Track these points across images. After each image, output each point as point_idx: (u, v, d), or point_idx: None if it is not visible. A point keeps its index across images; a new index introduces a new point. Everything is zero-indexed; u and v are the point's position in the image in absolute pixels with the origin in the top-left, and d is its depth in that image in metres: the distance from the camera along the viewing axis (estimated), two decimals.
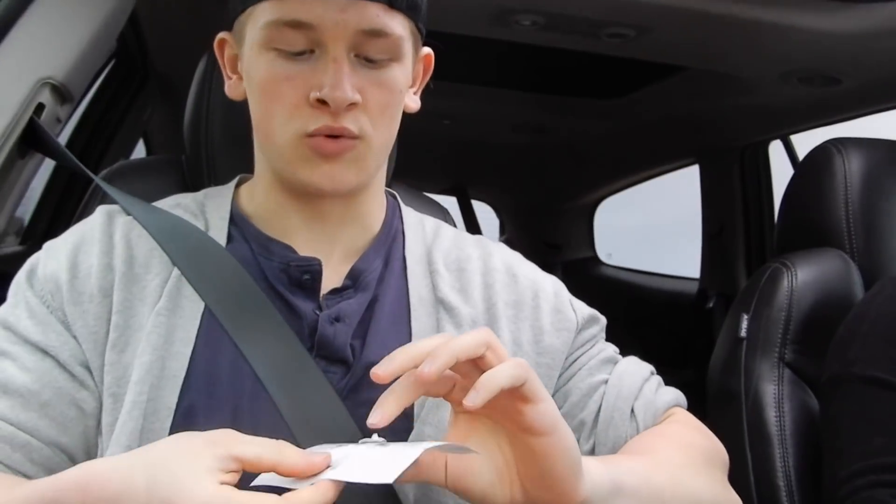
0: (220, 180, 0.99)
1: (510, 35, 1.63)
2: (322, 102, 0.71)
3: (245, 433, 0.70)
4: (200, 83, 1.08)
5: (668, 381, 0.89)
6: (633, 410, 0.82)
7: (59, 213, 1.93)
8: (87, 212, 0.93)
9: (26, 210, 1.93)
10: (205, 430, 0.68)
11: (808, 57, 1.63)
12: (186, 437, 0.58)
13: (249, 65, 0.76)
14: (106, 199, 1.04)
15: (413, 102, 0.83)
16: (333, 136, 0.73)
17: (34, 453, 0.70)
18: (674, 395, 0.87)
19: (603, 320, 0.90)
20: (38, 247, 0.80)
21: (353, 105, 0.72)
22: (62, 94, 1.04)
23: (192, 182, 1.09)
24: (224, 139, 1.06)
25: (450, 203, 3.54)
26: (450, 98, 2.35)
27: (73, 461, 0.72)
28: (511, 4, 1.47)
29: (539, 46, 1.70)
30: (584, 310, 0.88)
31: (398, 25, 0.74)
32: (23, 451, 0.70)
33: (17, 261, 0.78)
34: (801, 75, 1.76)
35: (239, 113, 1.06)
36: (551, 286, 0.88)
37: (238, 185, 0.87)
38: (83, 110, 1.93)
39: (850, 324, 0.99)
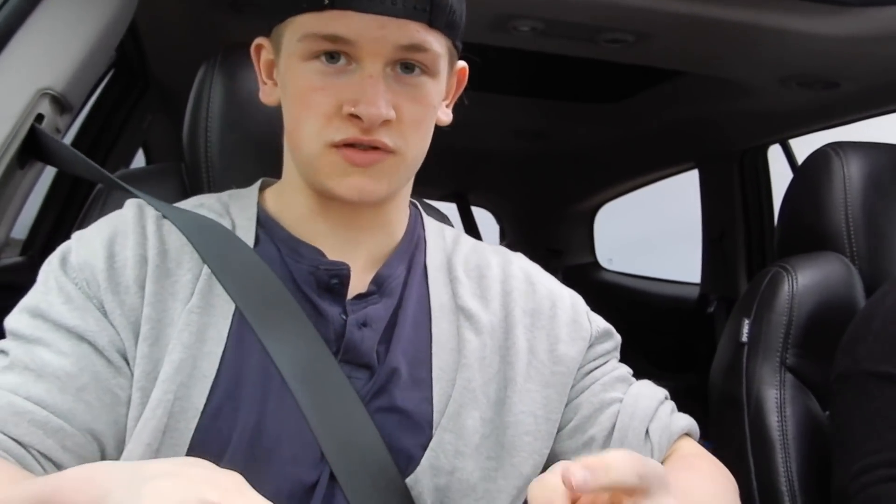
0: (219, 187, 0.99)
1: (509, 41, 1.63)
2: (355, 117, 0.72)
3: (269, 436, 0.71)
4: (199, 92, 1.08)
5: (670, 386, 0.89)
6: (647, 432, 0.82)
7: (59, 223, 1.93)
8: (88, 220, 0.93)
9: (26, 221, 1.93)
10: (230, 431, 0.70)
11: (806, 61, 1.63)
12: (187, 470, 0.52)
13: (285, 73, 0.77)
14: (108, 206, 1.05)
15: (445, 116, 0.84)
16: (364, 148, 0.73)
17: (67, 440, 0.69)
18: (687, 421, 0.87)
19: (618, 337, 0.90)
20: (38, 257, 0.80)
21: (386, 121, 0.73)
22: (61, 104, 1.04)
23: (191, 189, 1.10)
24: (223, 147, 1.06)
25: (450, 209, 3.53)
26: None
27: (103, 451, 0.72)
28: (509, 10, 1.47)
29: (538, 52, 1.70)
30: (599, 323, 0.89)
31: (436, 43, 0.74)
32: (56, 437, 0.69)
33: (17, 272, 0.77)
34: (799, 79, 1.76)
35: (238, 121, 1.07)
36: (569, 298, 0.89)
37: (262, 189, 0.87)
38: (83, 120, 1.93)
39: (859, 322, 0.99)
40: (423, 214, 0.92)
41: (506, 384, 0.80)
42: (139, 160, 2.38)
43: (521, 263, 0.90)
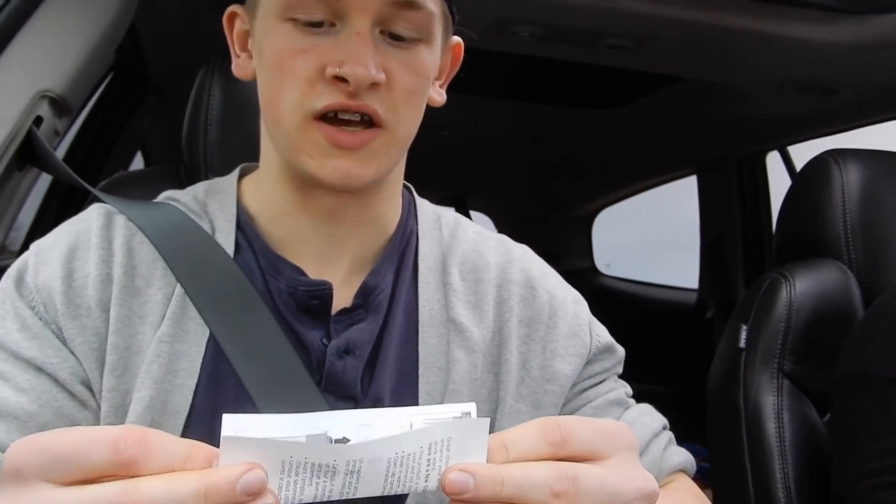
0: None
1: (509, 46, 1.63)
2: (340, 79, 0.63)
3: None
4: (198, 94, 1.08)
5: (668, 392, 0.87)
6: None
7: (57, 224, 1.92)
8: None
9: (24, 222, 1.93)
10: None
11: (805, 68, 1.64)
12: None
13: (262, 37, 0.68)
14: None
15: (439, 96, 0.76)
16: (349, 125, 0.65)
17: None
18: (682, 457, 0.79)
19: (621, 353, 0.82)
20: None
21: (375, 85, 0.64)
22: (60, 106, 1.04)
23: None
24: (222, 149, 1.06)
25: None
26: (448, 108, 2.34)
27: None
28: (509, 15, 1.48)
29: (537, 57, 1.70)
30: (602, 337, 0.80)
31: (430, 1, 0.66)
32: None
33: None
34: (798, 86, 1.77)
35: (236, 122, 1.07)
36: (572, 306, 0.80)
37: (241, 176, 0.79)
38: (82, 122, 1.93)
39: (866, 322, 0.99)
40: (417, 201, 0.82)
41: (496, 405, 0.73)
42: (138, 163, 2.38)
43: (522, 264, 0.81)
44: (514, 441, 0.47)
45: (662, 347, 2.90)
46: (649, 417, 0.79)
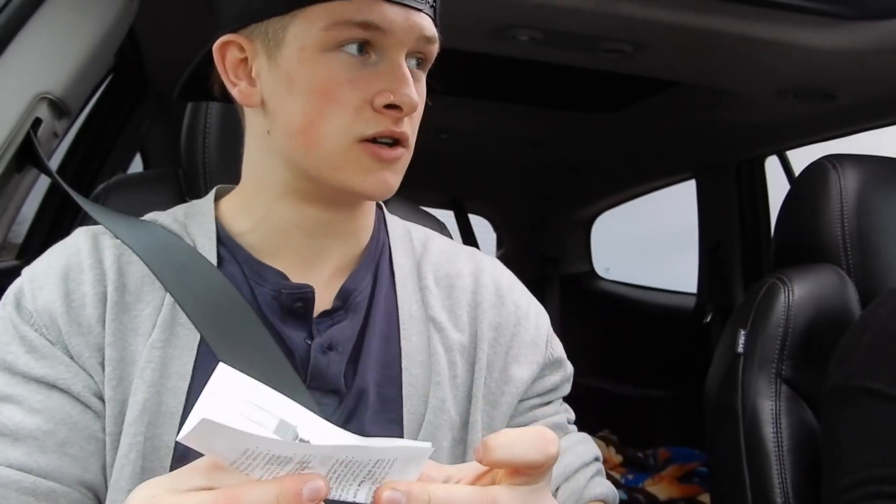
0: None
1: (508, 50, 1.64)
2: (389, 107, 0.70)
3: None
4: None
5: (666, 396, 0.87)
6: (557, 490, 0.78)
7: (55, 226, 1.92)
8: (85, 223, 0.92)
9: (23, 224, 1.93)
10: None
11: (803, 73, 1.64)
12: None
13: (297, 67, 0.71)
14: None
15: None
16: (390, 144, 0.72)
17: (61, 499, 0.66)
18: (605, 489, 0.82)
19: (569, 370, 0.87)
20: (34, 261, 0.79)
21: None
22: (60, 108, 1.04)
23: (188, 195, 1.10)
24: (220, 153, 1.06)
25: (447, 217, 3.54)
26: (447, 112, 2.35)
27: (99, 500, 0.69)
28: (509, 20, 1.48)
29: (536, 61, 1.71)
30: (556, 350, 0.85)
31: (437, 32, 0.75)
32: (49, 500, 0.66)
33: (13, 275, 0.77)
34: (796, 91, 1.77)
35: (236, 127, 1.07)
36: (535, 317, 0.85)
37: (218, 197, 0.83)
38: (81, 124, 1.93)
39: (851, 336, 0.99)
40: (387, 216, 0.88)
41: (470, 403, 0.78)
42: (136, 165, 2.38)
43: (493, 273, 0.86)
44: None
45: (661, 352, 2.90)
46: (583, 447, 0.84)
